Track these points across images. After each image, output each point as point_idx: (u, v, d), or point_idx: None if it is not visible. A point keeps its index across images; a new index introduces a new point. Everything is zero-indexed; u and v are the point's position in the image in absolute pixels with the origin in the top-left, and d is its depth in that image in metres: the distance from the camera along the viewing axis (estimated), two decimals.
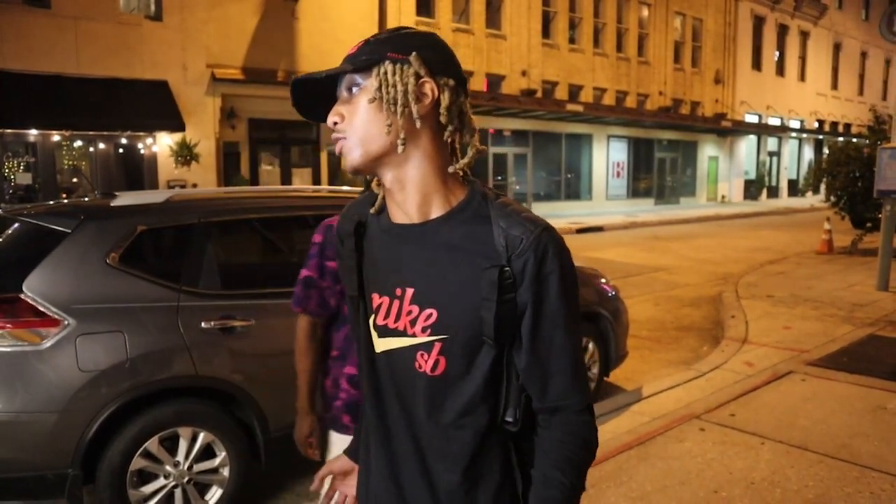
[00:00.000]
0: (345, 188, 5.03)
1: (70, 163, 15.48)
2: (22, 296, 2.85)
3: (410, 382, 1.13)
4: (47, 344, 2.83)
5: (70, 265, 2.97)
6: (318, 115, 1.15)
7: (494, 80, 22.10)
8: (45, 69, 13.41)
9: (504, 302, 1.05)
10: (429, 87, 1.08)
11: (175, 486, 3.10)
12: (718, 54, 30.19)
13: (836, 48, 37.24)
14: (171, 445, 3.10)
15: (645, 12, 26.90)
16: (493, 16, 22.05)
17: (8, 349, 2.81)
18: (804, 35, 34.94)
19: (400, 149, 1.07)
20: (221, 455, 3.18)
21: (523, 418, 1.11)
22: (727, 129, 28.38)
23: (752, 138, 32.44)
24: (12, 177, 14.40)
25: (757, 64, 32.18)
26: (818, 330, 6.56)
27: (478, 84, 21.37)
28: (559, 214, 22.38)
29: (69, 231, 3.01)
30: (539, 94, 22.39)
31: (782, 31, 33.54)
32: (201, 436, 3.13)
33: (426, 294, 1.11)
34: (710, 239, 16.19)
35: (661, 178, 28.84)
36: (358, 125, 1.08)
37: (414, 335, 1.11)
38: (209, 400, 3.19)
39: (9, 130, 13.21)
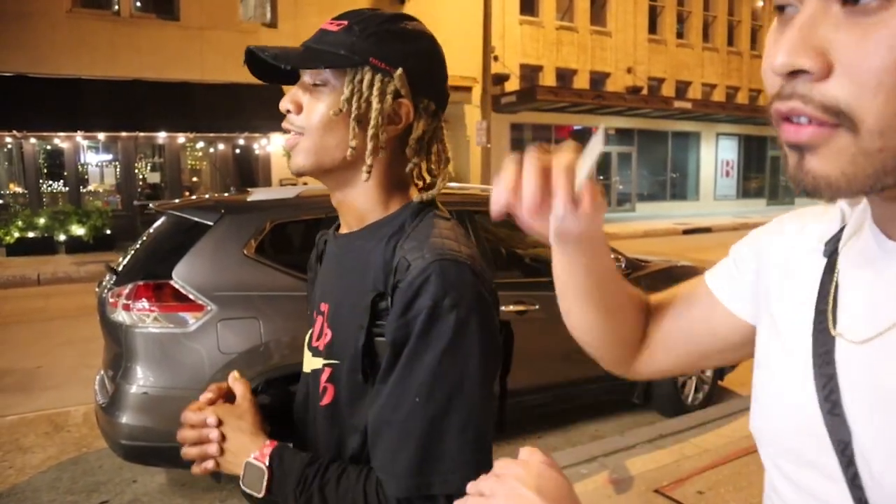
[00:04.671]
0: (452, 185, 5.13)
1: (193, 163, 16.57)
2: (171, 282, 3.12)
3: (314, 410, 1.01)
4: (193, 327, 3.09)
5: (212, 255, 3.22)
6: (270, 76, 1.00)
7: (598, 78, 21.74)
8: (174, 77, 14.44)
9: (376, 335, 0.90)
10: (405, 109, 0.94)
11: None
12: None
13: None
14: None
15: (759, 2, 25.62)
16: (598, 13, 21.69)
17: (159, 330, 3.09)
18: None
19: (358, 172, 0.95)
20: None
21: None
22: None
23: None
24: (143, 176, 15.60)
25: None
26: None
27: (581, 82, 21.09)
28: (664, 215, 21.73)
29: (211, 224, 3.27)
30: (645, 92, 21.81)
31: None
32: None
33: (332, 313, 1.00)
34: None
35: (775, 177, 27.37)
36: (315, 130, 0.94)
37: (321, 355, 1.01)
38: None
39: (142, 134, 14.31)
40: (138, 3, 14.95)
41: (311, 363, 1.04)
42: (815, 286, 0.62)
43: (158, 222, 3.70)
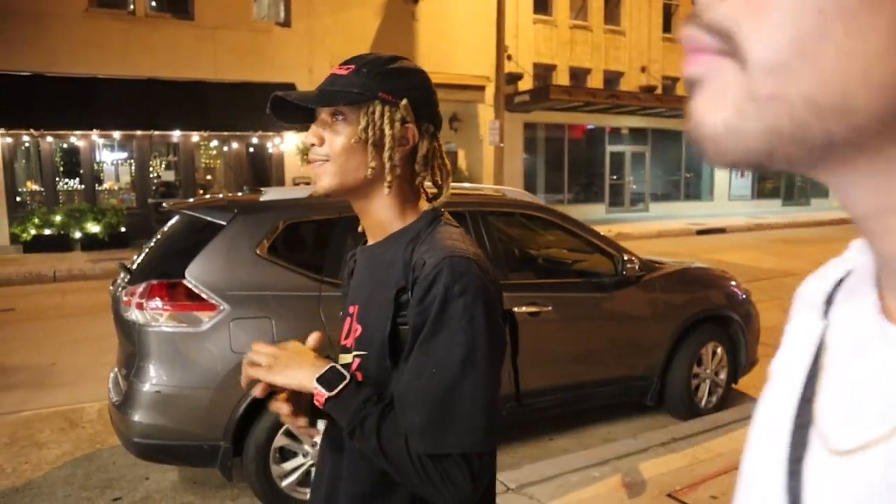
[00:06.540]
0: (465, 185, 5.12)
1: (207, 161, 16.66)
2: (184, 282, 3.14)
3: None
4: (205, 326, 3.10)
5: (225, 255, 3.23)
6: (290, 118, 1.18)
7: (612, 77, 21.63)
8: (189, 76, 14.52)
9: (401, 324, 1.07)
10: (411, 132, 1.12)
11: (312, 465, 3.30)
12: None
13: None
14: None
15: None
16: (612, 11, 21.57)
17: (172, 329, 3.11)
18: None
19: (378, 185, 1.13)
20: None
21: None
22: None
23: None
24: (157, 174, 15.71)
25: None
26: None
27: (595, 82, 21.00)
28: (678, 215, 21.60)
29: (224, 224, 3.28)
30: (659, 91, 21.67)
31: None
32: None
33: (362, 312, 1.17)
34: (847, 243, 15.06)
35: (790, 177, 27.07)
36: (338, 156, 1.11)
37: (351, 351, 1.17)
38: None
39: (156, 133, 14.41)
40: (153, 3, 15.04)
41: (341, 360, 1.19)
42: (807, 361, 0.46)
43: (172, 222, 3.72)
